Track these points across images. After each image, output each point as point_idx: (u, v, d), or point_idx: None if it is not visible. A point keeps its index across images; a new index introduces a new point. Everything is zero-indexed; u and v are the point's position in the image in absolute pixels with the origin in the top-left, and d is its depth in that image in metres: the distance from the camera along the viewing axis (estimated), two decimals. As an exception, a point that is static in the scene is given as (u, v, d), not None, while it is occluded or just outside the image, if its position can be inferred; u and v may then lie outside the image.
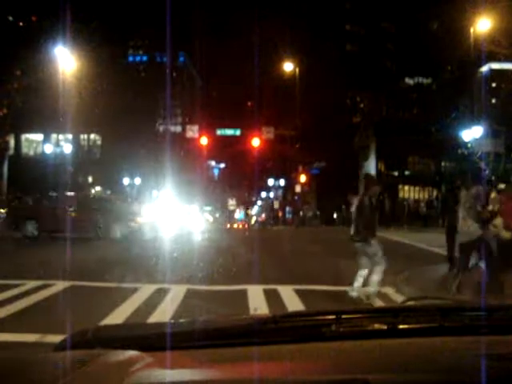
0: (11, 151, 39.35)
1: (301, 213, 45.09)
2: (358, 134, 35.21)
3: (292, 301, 8.55)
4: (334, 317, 1.72)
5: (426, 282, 10.11)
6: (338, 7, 33.97)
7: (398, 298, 8.68)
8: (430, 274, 11.16)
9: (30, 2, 34.47)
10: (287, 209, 52.96)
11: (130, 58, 60.91)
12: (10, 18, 35.41)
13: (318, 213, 46.21)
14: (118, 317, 7.18)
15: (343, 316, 1.73)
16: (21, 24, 35.87)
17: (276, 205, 58.29)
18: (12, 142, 40.61)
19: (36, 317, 7.38)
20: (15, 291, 8.99)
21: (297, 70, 39.03)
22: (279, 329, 1.68)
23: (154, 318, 7.08)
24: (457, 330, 1.68)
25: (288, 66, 39.54)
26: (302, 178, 45.85)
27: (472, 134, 26.92)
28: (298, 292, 9.16)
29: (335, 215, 43.68)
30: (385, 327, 1.67)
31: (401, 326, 1.69)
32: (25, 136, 50.19)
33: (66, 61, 33.06)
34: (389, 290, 9.34)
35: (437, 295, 7.41)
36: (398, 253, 16.39)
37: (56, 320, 6.37)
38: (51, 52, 32.85)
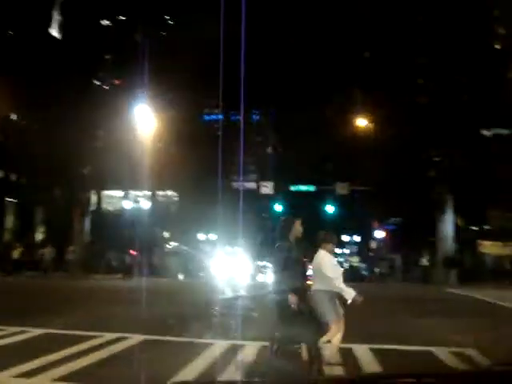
0: (93, 207, 41.08)
1: (376, 269, 43.86)
2: (434, 188, 34.27)
3: (368, 361, 8.19)
4: (414, 380, 1.62)
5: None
6: (410, 62, 33.93)
7: (484, 361, 8.18)
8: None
9: (113, 67, 36.60)
10: (363, 265, 51.80)
11: (206, 117, 62.70)
12: (97, 82, 37.57)
13: (392, 269, 44.81)
14: (190, 373, 7.15)
15: (424, 380, 1.63)
16: (105, 87, 37.97)
17: (352, 261, 57.27)
18: (94, 198, 42.38)
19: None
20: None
21: (370, 125, 38.84)
22: None
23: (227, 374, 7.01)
24: None
25: (361, 122, 39.43)
26: (378, 234, 44.86)
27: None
28: (374, 351, 8.79)
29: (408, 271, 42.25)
30: None
31: None
32: (105, 192, 52.20)
33: (144, 121, 34.62)
34: (472, 352, 8.84)
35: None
36: (481, 312, 15.62)
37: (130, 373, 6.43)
38: (131, 113, 34.50)
